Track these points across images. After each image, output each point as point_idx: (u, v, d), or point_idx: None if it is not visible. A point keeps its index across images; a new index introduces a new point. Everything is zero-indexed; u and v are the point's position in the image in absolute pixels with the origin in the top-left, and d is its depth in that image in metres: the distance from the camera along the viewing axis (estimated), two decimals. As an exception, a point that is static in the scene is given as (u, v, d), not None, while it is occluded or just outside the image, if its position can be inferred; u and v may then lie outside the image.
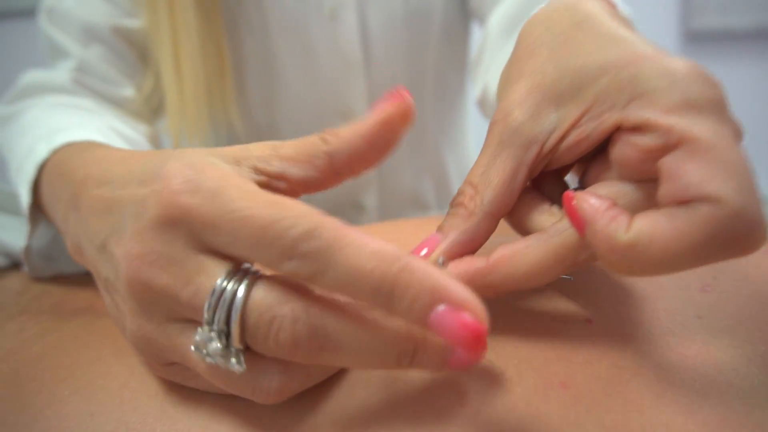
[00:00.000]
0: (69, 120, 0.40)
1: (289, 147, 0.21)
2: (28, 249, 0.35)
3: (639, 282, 0.23)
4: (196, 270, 0.18)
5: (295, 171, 0.21)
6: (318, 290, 0.18)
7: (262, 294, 0.17)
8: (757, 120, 1.59)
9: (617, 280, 0.24)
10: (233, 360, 0.18)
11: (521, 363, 0.20)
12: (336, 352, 0.17)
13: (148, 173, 0.20)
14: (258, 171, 0.20)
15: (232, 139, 0.60)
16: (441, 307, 0.15)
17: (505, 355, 0.20)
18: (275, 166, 0.20)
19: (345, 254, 0.16)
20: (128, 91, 0.50)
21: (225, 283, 0.17)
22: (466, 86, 0.68)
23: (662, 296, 0.23)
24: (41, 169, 0.32)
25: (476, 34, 0.64)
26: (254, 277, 0.18)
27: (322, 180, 0.21)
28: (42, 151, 0.31)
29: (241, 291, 0.17)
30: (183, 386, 0.21)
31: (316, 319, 0.17)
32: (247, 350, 0.18)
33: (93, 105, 0.47)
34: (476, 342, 0.15)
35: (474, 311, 0.15)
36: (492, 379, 0.20)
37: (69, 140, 0.32)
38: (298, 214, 0.17)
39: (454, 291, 0.16)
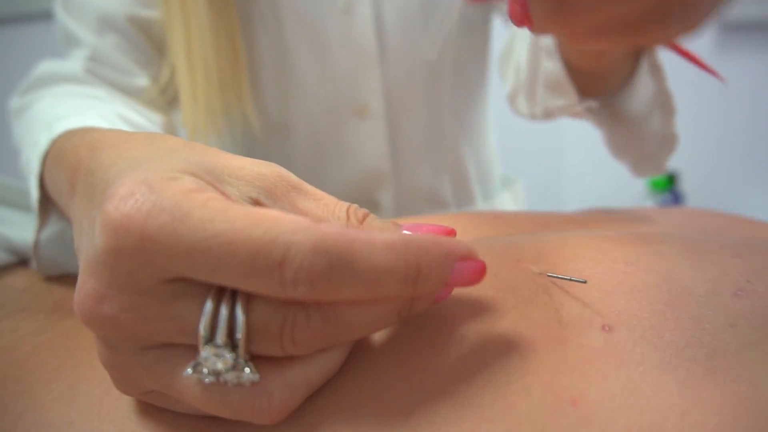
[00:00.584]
0: (71, 108, 0.40)
1: (310, 200, 0.19)
2: (36, 245, 0.34)
3: (662, 286, 0.21)
4: (172, 297, 0.16)
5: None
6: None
7: (262, 301, 0.16)
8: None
9: (638, 284, 0.21)
10: (247, 370, 0.17)
11: (527, 374, 0.18)
12: (351, 329, 0.17)
13: (110, 181, 0.17)
14: (255, 203, 0.18)
15: (247, 135, 0.60)
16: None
17: (510, 365, 0.19)
18: (284, 210, 0.18)
19: (363, 260, 0.15)
20: (142, 81, 0.50)
21: (215, 302, 0.16)
22: (487, 79, 0.66)
23: (689, 302, 0.20)
24: (44, 161, 0.31)
25: (498, 25, 0.62)
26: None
27: None
28: (43, 143, 0.31)
29: (239, 304, 0.16)
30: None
31: (325, 309, 0.16)
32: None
33: (104, 94, 0.46)
34: (483, 275, 0.17)
35: (473, 256, 0.17)
36: (494, 392, 0.18)
37: (68, 128, 0.31)
38: (292, 228, 0.15)
39: (457, 248, 0.17)
